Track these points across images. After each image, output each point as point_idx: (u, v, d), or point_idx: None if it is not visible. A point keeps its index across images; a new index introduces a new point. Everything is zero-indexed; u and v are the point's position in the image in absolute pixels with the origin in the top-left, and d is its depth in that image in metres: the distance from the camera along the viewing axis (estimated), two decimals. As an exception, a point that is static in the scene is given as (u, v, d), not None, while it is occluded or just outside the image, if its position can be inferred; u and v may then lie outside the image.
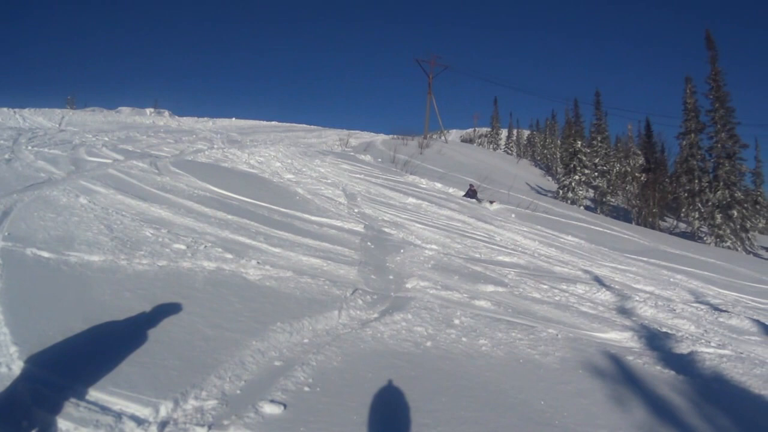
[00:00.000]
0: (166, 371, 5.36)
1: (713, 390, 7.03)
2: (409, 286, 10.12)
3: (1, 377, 4.97)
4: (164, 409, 4.80)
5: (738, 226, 44.83)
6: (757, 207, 53.60)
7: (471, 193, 28.80)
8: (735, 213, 44.68)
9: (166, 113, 62.52)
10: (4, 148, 18.83)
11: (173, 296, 7.31)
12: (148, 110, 63.81)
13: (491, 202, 27.55)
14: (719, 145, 47.14)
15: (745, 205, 46.41)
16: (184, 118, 60.70)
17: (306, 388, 5.58)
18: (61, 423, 4.43)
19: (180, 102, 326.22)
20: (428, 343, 7.37)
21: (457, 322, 8.33)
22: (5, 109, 41.42)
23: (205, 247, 9.89)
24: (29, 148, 19.62)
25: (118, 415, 4.60)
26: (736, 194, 45.56)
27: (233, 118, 67.49)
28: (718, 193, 45.37)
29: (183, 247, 9.60)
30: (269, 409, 5.05)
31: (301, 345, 6.73)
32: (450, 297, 9.71)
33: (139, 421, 4.61)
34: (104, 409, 4.65)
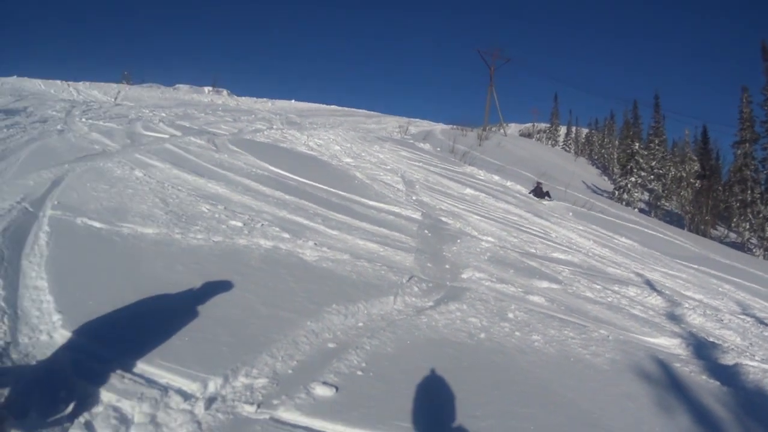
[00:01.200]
0: (216, 347, 5.29)
1: (755, 404, 6.90)
2: (464, 276, 9.97)
3: (42, 345, 4.91)
4: (213, 385, 4.71)
5: (788, 241, 43.96)
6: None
7: (538, 191, 28.21)
8: (786, 227, 43.81)
9: (225, 92, 62.77)
10: (56, 120, 19.03)
11: (227, 272, 7.24)
12: (206, 88, 63.92)
13: (550, 198, 27.29)
14: (773, 157, 46.28)
15: (797, 219, 45.54)
16: (243, 97, 61.21)
17: (359, 372, 5.49)
18: (104, 395, 4.34)
19: (238, 81, 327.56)
20: (482, 335, 7.25)
21: (511, 315, 8.21)
22: (58, 82, 42.11)
23: (262, 225, 9.84)
24: (83, 120, 19.86)
25: (165, 389, 4.50)
26: (788, 208, 44.65)
27: (292, 100, 67.70)
28: (770, 205, 44.59)
29: (239, 224, 9.56)
30: (321, 390, 4.96)
31: (356, 328, 6.64)
32: (505, 290, 9.57)
33: (186, 396, 4.51)
34: (150, 382, 4.56)
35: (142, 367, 4.72)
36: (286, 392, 4.85)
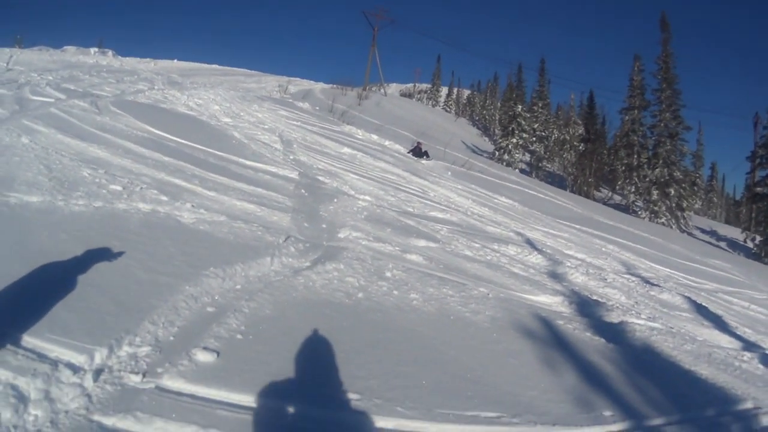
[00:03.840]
0: (100, 316, 5.37)
1: (644, 361, 7.36)
2: (341, 235, 10.29)
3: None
4: (99, 357, 4.80)
5: (674, 205, 46.30)
6: (695, 188, 55.03)
7: (417, 151, 28.73)
8: (672, 191, 46.11)
9: (110, 53, 61.11)
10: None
11: (109, 239, 7.28)
12: (92, 50, 62.07)
13: (428, 158, 27.68)
14: (662, 124, 48.48)
15: (683, 185, 47.79)
16: (127, 58, 59.29)
17: (238, 336, 5.66)
18: (0, 372, 4.34)
19: (124, 42, 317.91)
20: (360, 295, 7.54)
21: (388, 274, 8.53)
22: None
23: (141, 188, 9.87)
24: (-26, 87, 18.97)
25: (55, 363, 4.58)
26: (675, 173, 46.94)
27: (175, 60, 66.21)
28: (657, 170, 46.68)
29: (119, 188, 9.56)
30: (202, 356, 5.10)
31: (234, 291, 6.81)
32: (382, 249, 9.92)
33: (75, 369, 4.60)
34: (41, 357, 4.63)
35: (32, 341, 4.77)
36: (169, 359, 4.98)
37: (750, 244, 44.82)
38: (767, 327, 11.79)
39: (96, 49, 61.89)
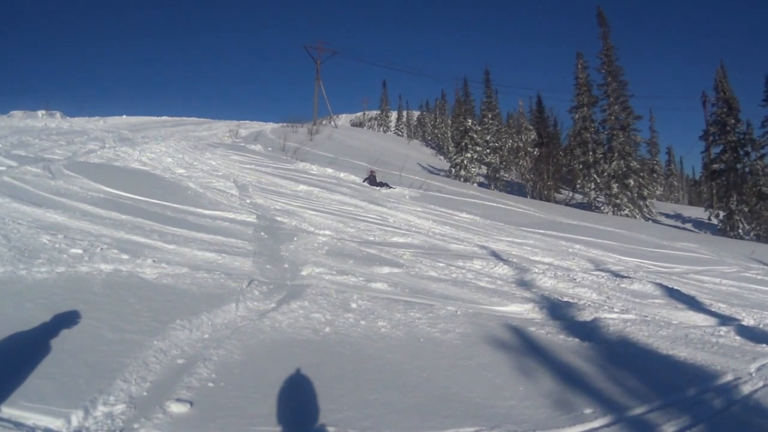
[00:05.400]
0: (73, 379, 5.39)
1: (619, 353, 7.48)
2: (304, 273, 10.36)
3: None
4: (75, 419, 4.83)
5: (635, 195, 47.09)
6: (654, 175, 56.11)
7: (371, 179, 28.74)
8: (632, 182, 46.89)
9: (58, 114, 60.51)
10: None
11: (74, 302, 7.29)
12: (40, 113, 61.38)
13: (389, 187, 27.80)
14: (613, 118, 49.42)
15: (642, 174, 48.83)
16: (76, 118, 58.63)
17: (210, 384, 5.70)
18: (-23, 447, 4.36)
19: (71, 101, 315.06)
20: (327, 329, 7.61)
21: (354, 305, 8.61)
22: None
23: (102, 249, 9.84)
24: None
25: (32, 430, 4.63)
26: (631, 164, 47.81)
27: (123, 116, 65.50)
28: (614, 163, 47.47)
29: (80, 251, 9.54)
30: (176, 408, 5.13)
31: (202, 341, 6.85)
32: (346, 281, 10.01)
33: None
34: (18, 425, 4.65)
35: (7, 411, 4.79)
36: (145, 414, 5.01)
37: (714, 221, 45.99)
38: (740, 299, 12.07)
39: (43, 112, 61.28)
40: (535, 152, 59.60)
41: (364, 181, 28.33)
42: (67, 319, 6.69)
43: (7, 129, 30.17)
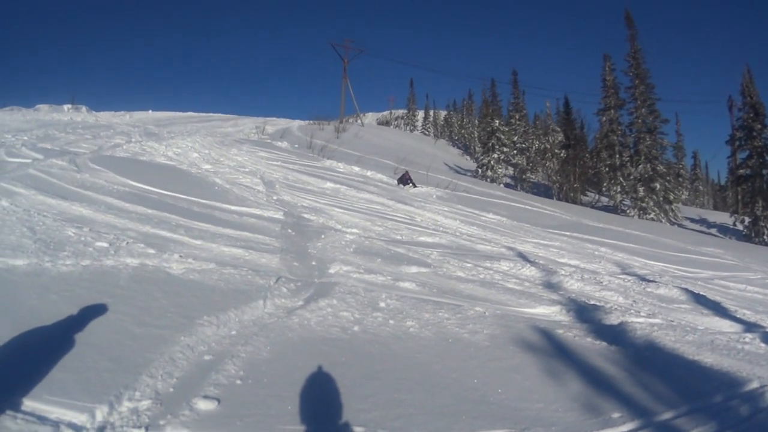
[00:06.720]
0: (98, 374, 5.32)
1: (646, 358, 7.36)
2: (332, 271, 10.26)
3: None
4: (100, 414, 4.77)
5: (661, 199, 46.62)
6: (680, 179, 55.65)
7: (405, 180, 28.73)
8: (658, 186, 46.41)
9: (84, 109, 60.67)
10: None
11: (99, 296, 7.23)
12: (66, 107, 61.54)
13: (414, 186, 27.71)
14: (640, 121, 49.11)
15: (668, 177, 48.34)
16: (102, 112, 58.99)
17: (238, 381, 5.62)
18: (0, 440, 4.31)
19: (97, 96, 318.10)
20: (355, 328, 7.51)
21: (382, 305, 8.50)
22: None
23: (127, 243, 9.75)
24: (-57, 153, 18.82)
25: (56, 425, 4.54)
26: (658, 167, 47.42)
27: (150, 111, 65.60)
28: (640, 167, 47.13)
29: (105, 244, 9.46)
30: (203, 405, 5.06)
31: (229, 337, 6.76)
32: (374, 280, 9.89)
33: (77, 429, 4.57)
34: (42, 419, 4.57)
35: (31, 404, 4.73)
36: (171, 411, 4.93)
37: (740, 227, 45.25)
38: (765, 306, 11.92)
39: (69, 106, 61.51)
40: (561, 154, 59.34)
41: (398, 183, 28.40)
42: (92, 313, 6.62)
43: (33, 122, 30.27)
